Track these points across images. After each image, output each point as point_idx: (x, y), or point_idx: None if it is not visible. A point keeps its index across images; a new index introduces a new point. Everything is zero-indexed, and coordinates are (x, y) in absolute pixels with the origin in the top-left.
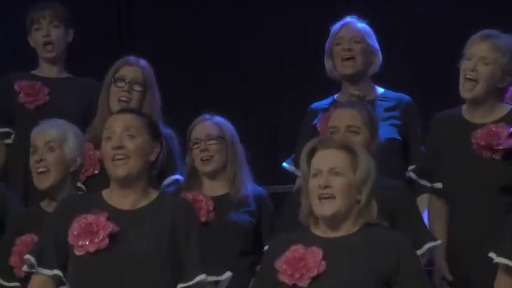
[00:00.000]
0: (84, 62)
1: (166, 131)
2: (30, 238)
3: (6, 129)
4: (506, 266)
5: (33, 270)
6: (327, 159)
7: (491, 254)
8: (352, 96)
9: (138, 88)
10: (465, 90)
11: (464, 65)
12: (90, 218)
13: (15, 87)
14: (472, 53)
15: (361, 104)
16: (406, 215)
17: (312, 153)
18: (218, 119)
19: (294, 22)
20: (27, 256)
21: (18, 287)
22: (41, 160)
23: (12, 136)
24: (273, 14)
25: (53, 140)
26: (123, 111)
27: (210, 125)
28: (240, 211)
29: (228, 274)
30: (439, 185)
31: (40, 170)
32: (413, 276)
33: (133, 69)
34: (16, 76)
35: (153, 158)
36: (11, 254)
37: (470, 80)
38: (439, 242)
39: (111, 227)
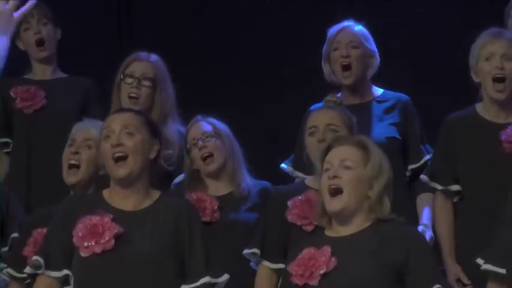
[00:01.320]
0: (84, 62)
1: (180, 128)
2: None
3: (5, 139)
4: (495, 273)
5: (39, 272)
6: (338, 154)
7: (479, 260)
8: (328, 102)
9: (147, 83)
10: (497, 92)
11: (487, 67)
12: (95, 219)
13: (11, 93)
14: (491, 53)
15: (340, 107)
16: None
17: (326, 152)
18: (210, 118)
19: (294, 22)
20: (36, 257)
21: (26, 278)
22: (76, 153)
23: (11, 145)
24: (273, 14)
25: (92, 138)
26: (120, 110)
27: (204, 124)
28: (245, 209)
29: (225, 277)
30: (454, 188)
31: (72, 162)
32: (424, 266)
33: (142, 64)
34: (11, 82)
35: (152, 155)
36: (26, 245)
37: (500, 80)
38: None
39: (116, 228)
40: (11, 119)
